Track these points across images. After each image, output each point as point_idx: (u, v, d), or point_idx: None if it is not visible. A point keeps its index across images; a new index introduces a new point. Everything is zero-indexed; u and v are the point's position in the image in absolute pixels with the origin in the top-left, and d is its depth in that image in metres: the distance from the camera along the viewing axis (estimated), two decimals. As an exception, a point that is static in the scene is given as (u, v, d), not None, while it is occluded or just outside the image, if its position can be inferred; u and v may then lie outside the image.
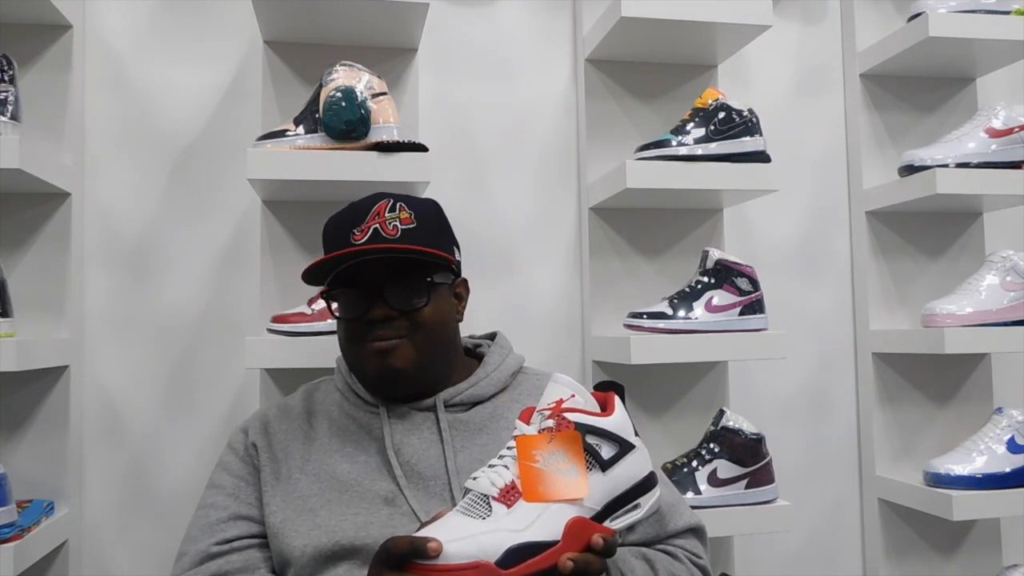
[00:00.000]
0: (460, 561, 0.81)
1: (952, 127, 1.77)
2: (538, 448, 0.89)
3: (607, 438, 0.91)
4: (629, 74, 1.73)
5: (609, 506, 0.90)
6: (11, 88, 1.37)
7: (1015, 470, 1.60)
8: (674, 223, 1.73)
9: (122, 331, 1.58)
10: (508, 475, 0.89)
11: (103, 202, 1.59)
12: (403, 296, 1.09)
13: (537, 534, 0.84)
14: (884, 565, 1.76)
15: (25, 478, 1.46)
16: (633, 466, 0.92)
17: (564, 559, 0.83)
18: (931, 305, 1.65)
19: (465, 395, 1.14)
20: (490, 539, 0.83)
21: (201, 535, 1.07)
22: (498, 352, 1.21)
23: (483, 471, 0.92)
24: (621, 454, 0.91)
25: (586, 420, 0.91)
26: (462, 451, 1.09)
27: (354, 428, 1.13)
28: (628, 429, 0.93)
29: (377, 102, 1.36)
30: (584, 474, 0.88)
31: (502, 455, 0.93)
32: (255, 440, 1.14)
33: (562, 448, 0.89)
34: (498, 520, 0.85)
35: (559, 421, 0.90)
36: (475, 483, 0.90)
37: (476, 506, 0.88)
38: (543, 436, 0.90)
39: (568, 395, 0.93)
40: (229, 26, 1.64)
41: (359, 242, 1.08)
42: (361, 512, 1.04)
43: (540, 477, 0.88)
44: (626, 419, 0.94)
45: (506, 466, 0.90)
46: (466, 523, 0.86)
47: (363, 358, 1.11)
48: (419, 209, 1.12)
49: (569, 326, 1.74)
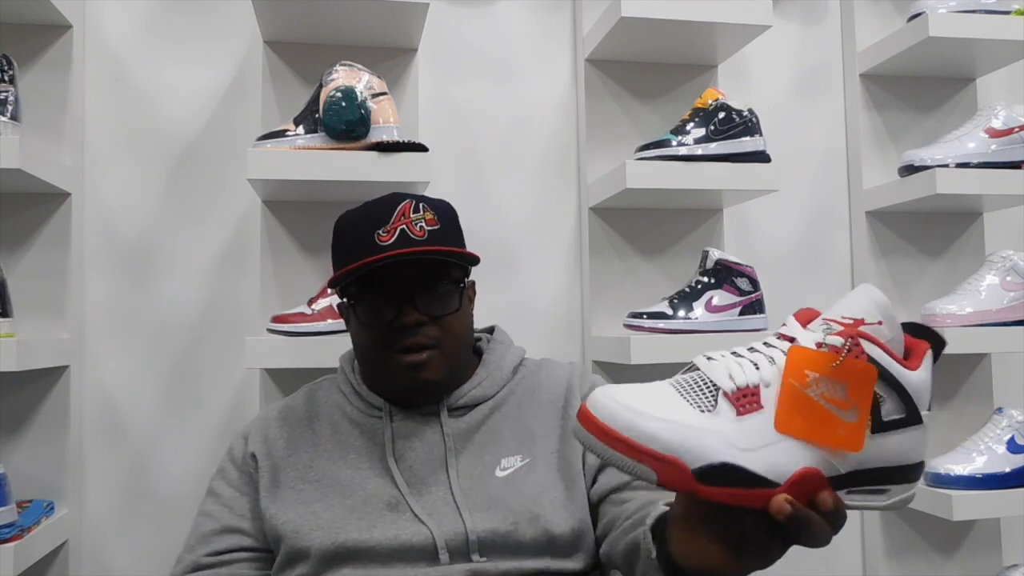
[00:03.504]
0: (655, 446, 0.64)
1: (952, 127, 1.77)
2: (817, 368, 0.67)
3: (899, 395, 0.68)
4: (629, 74, 1.73)
5: (854, 476, 0.68)
6: (11, 88, 1.37)
7: (1015, 470, 1.59)
8: (674, 223, 1.73)
9: (122, 331, 1.58)
10: (754, 375, 0.68)
11: (103, 202, 1.59)
12: (435, 301, 1.06)
13: (760, 465, 0.65)
14: (884, 565, 1.76)
15: (25, 478, 1.46)
16: (908, 444, 0.69)
17: (781, 499, 0.64)
18: (931, 305, 1.65)
19: (468, 397, 1.12)
20: (700, 441, 0.65)
21: (196, 544, 1.09)
22: (498, 348, 1.19)
23: (722, 355, 0.72)
24: (904, 423, 0.68)
25: (884, 360, 0.67)
26: (463, 452, 1.09)
27: (356, 433, 1.11)
28: (926, 396, 0.70)
29: (377, 102, 1.36)
30: (866, 421, 0.66)
31: (753, 348, 0.72)
32: (254, 449, 1.12)
33: (847, 380, 0.66)
34: (719, 422, 0.66)
35: (852, 345, 0.67)
36: (709, 365, 0.71)
37: (699, 391, 0.69)
38: (828, 356, 0.67)
39: (875, 319, 0.69)
40: (229, 26, 1.64)
41: (386, 243, 1.04)
42: (365, 516, 1.03)
43: (806, 407, 0.66)
44: (928, 383, 0.70)
45: (755, 364, 0.70)
46: (679, 405, 0.67)
47: (392, 369, 1.07)
48: (439, 210, 1.09)
49: (569, 326, 1.74)
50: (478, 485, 1.06)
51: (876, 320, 0.69)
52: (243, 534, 1.09)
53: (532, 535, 1.02)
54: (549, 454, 1.09)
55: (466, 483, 1.06)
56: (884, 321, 0.69)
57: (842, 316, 0.69)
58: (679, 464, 0.64)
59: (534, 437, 1.10)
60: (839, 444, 0.66)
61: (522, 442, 1.10)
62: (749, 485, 0.65)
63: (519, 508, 1.03)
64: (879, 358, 0.67)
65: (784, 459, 0.66)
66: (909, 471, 0.70)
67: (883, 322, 0.69)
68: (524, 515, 1.03)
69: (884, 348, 0.68)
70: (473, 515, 1.02)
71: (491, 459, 1.08)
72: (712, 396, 0.68)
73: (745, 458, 0.65)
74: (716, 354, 0.72)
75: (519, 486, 1.05)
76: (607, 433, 0.66)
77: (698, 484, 0.65)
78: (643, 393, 0.68)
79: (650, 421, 0.65)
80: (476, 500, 1.04)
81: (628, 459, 0.66)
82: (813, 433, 0.66)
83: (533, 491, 1.05)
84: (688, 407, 0.67)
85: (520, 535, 1.02)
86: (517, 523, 1.02)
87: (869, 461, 0.68)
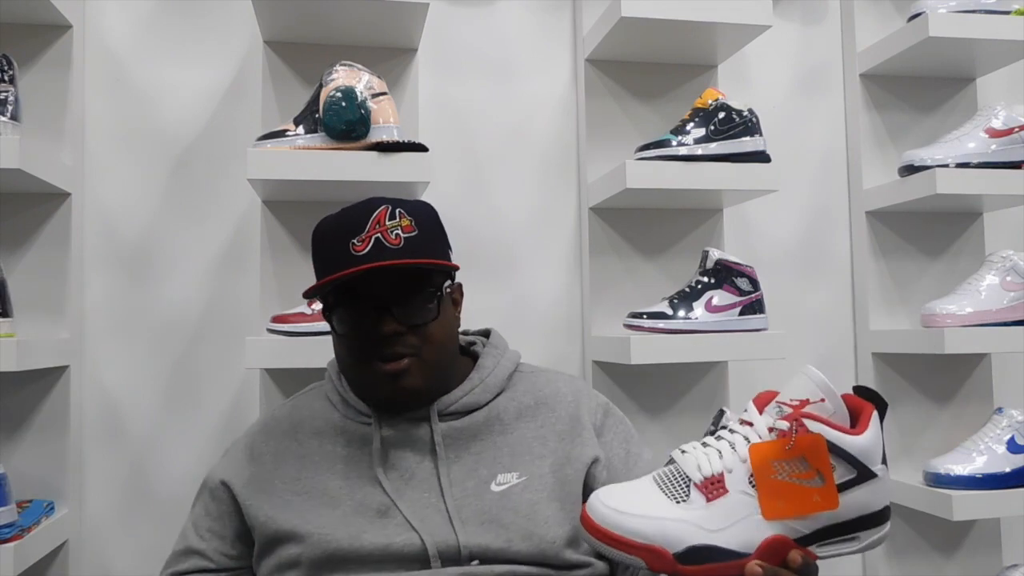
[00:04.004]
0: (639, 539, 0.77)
1: (952, 127, 1.77)
2: (776, 456, 0.78)
3: (846, 460, 0.78)
4: (629, 74, 1.73)
5: (821, 532, 0.79)
6: (11, 88, 1.37)
7: (1015, 470, 1.59)
8: (674, 223, 1.73)
9: (122, 331, 1.58)
10: (718, 464, 0.80)
11: (103, 202, 1.59)
12: (412, 311, 1.04)
13: (730, 541, 0.77)
14: (884, 565, 1.76)
15: (25, 478, 1.46)
16: (866, 497, 0.79)
17: (753, 565, 0.76)
18: (931, 305, 1.65)
19: (460, 404, 1.10)
20: (677, 529, 0.77)
21: (170, 561, 1.14)
22: (492, 354, 1.17)
23: (694, 447, 0.83)
24: (855, 482, 0.78)
25: (827, 435, 0.78)
26: (456, 461, 1.07)
27: (343, 442, 1.10)
28: (876, 454, 0.80)
29: (377, 102, 1.36)
30: (833, 481, 0.77)
31: (720, 436, 0.83)
32: (223, 477, 1.12)
33: (804, 453, 0.77)
34: (693, 510, 0.78)
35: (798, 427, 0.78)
36: (682, 458, 0.82)
37: (674, 484, 0.81)
38: (781, 441, 0.78)
39: (818, 397, 0.80)
40: (229, 26, 1.64)
41: (361, 253, 1.01)
42: (354, 523, 1.02)
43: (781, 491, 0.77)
44: (877, 441, 0.80)
45: (719, 451, 0.81)
46: (658, 500, 0.80)
47: (371, 379, 1.05)
48: (417, 215, 1.06)
49: (569, 326, 1.74)
50: (472, 498, 1.04)
51: (819, 398, 0.80)
52: (201, 556, 1.12)
53: (527, 552, 1.00)
54: (546, 474, 1.07)
55: (459, 494, 1.04)
56: (826, 398, 0.80)
57: (790, 399, 0.81)
58: (661, 551, 0.76)
59: (532, 456, 1.08)
60: (819, 508, 0.77)
61: (519, 459, 1.08)
62: (723, 559, 0.77)
63: (513, 525, 1.01)
64: (824, 432, 0.78)
65: (751, 532, 0.77)
66: (874, 518, 0.80)
67: (825, 399, 0.80)
68: (518, 532, 1.01)
69: (827, 423, 0.79)
70: (466, 528, 1.01)
71: (487, 473, 1.06)
72: (685, 487, 0.80)
73: (716, 537, 0.77)
74: (688, 446, 0.84)
75: (514, 503, 1.03)
76: (602, 532, 0.79)
77: (679, 565, 0.77)
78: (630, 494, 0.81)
79: (634, 520, 0.77)
80: (469, 513, 1.03)
81: (620, 552, 0.79)
82: (795, 509, 0.77)
83: (528, 509, 1.03)
84: (666, 500, 0.80)
85: (513, 552, 1.00)
86: (511, 540, 1.01)
87: (833, 519, 0.79)
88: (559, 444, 1.10)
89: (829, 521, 0.79)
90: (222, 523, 1.12)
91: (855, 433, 0.79)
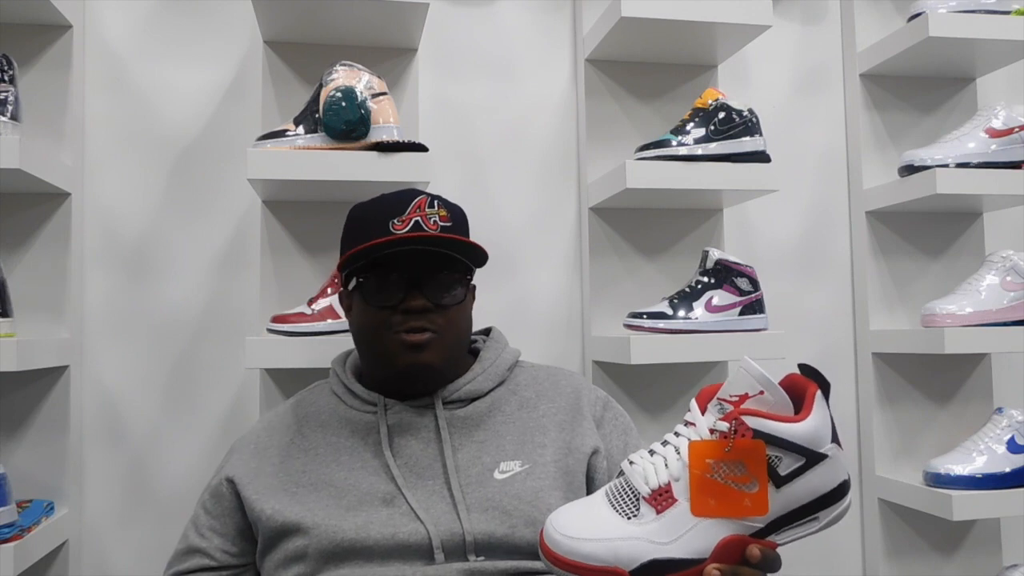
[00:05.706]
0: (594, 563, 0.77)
1: (952, 127, 1.77)
2: (714, 456, 0.78)
3: (792, 450, 0.78)
4: (629, 74, 1.73)
5: (777, 521, 0.80)
6: (11, 88, 1.37)
7: (1015, 470, 1.59)
8: (674, 223, 1.73)
9: (122, 331, 1.58)
10: (664, 474, 0.80)
11: (103, 202, 1.59)
12: (441, 290, 1.09)
13: (682, 550, 0.78)
14: (884, 565, 1.76)
15: (25, 478, 1.46)
16: (818, 480, 0.79)
17: (710, 569, 0.77)
18: (931, 305, 1.65)
19: (463, 391, 1.13)
20: (629, 548, 0.78)
21: (172, 561, 1.16)
22: (494, 347, 1.20)
23: (640, 457, 0.84)
24: (803, 469, 0.78)
25: (768, 428, 0.78)
26: (460, 448, 1.09)
27: (347, 433, 1.12)
28: (823, 435, 0.80)
29: (377, 102, 1.36)
30: (766, 488, 0.77)
31: (666, 441, 0.84)
32: (230, 473, 1.14)
33: (742, 458, 0.78)
34: (643, 525, 0.79)
35: (738, 426, 0.78)
36: (631, 470, 0.83)
37: (624, 499, 0.82)
38: (720, 442, 0.78)
39: (756, 390, 0.80)
40: (229, 26, 1.64)
41: (401, 231, 1.08)
42: (361, 513, 1.04)
43: (714, 490, 0.78)
44: (825, 422, 0.80)
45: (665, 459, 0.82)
46: (609, 519, 0.80)
47: (392, 347, 1.08)
48: (451, 209, 1.13)
49: (569, 326, 1.74)
50: (476, 485, 1.06)
51: (758, 391, 0.80)
52: (203, 554, 1.13)
53: (529, 538, 1.02)
54: (548, 462, 1.09)
55: (464, 481, 1.06)
56: (765, 390, 0.80)
57: (730, 395, 0.81)
58: (618, 571, 0.77)
59: (534, 445, 1.11)
60: (748, 513, 0.78)
61: (522, 448, 1.10)
62: (679, 569, 0.77)
63: (517, 512, 1.03)
64: (765, 427, 0.78)
65: (704, 537, 0.78)
66: (830, 496, 0.80)
67: (764, 391, 0.80)
68: (521, 518, 1.03)
69: (767, 416, 0.78)
70: (471, 515, 1.03)
71: (490, 460, 1.08)
72: (635, 502, 0.81)
73: (668, 550, 0.78)
74: (636, 456, 0.84)
75: (517, 490, 1.05)
76: (559, 560, 0.79)
77: None
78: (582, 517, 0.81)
79: (587, 544, 0.78)
80: (474, 500, 1.04)
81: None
82: (724, 510, 0.78)
83: (531, 495, 1.05)
84: (617, 518, 0.80)
85: (517, 538, 1.02)
86: (515, 526, 1.03)
87: (787, 506, 0.79)
88: (560, 434, 1.13)
89: (783, 510, 0.79)
90: (223, 521, 1.13)
91: (798, 420, 0.79)
